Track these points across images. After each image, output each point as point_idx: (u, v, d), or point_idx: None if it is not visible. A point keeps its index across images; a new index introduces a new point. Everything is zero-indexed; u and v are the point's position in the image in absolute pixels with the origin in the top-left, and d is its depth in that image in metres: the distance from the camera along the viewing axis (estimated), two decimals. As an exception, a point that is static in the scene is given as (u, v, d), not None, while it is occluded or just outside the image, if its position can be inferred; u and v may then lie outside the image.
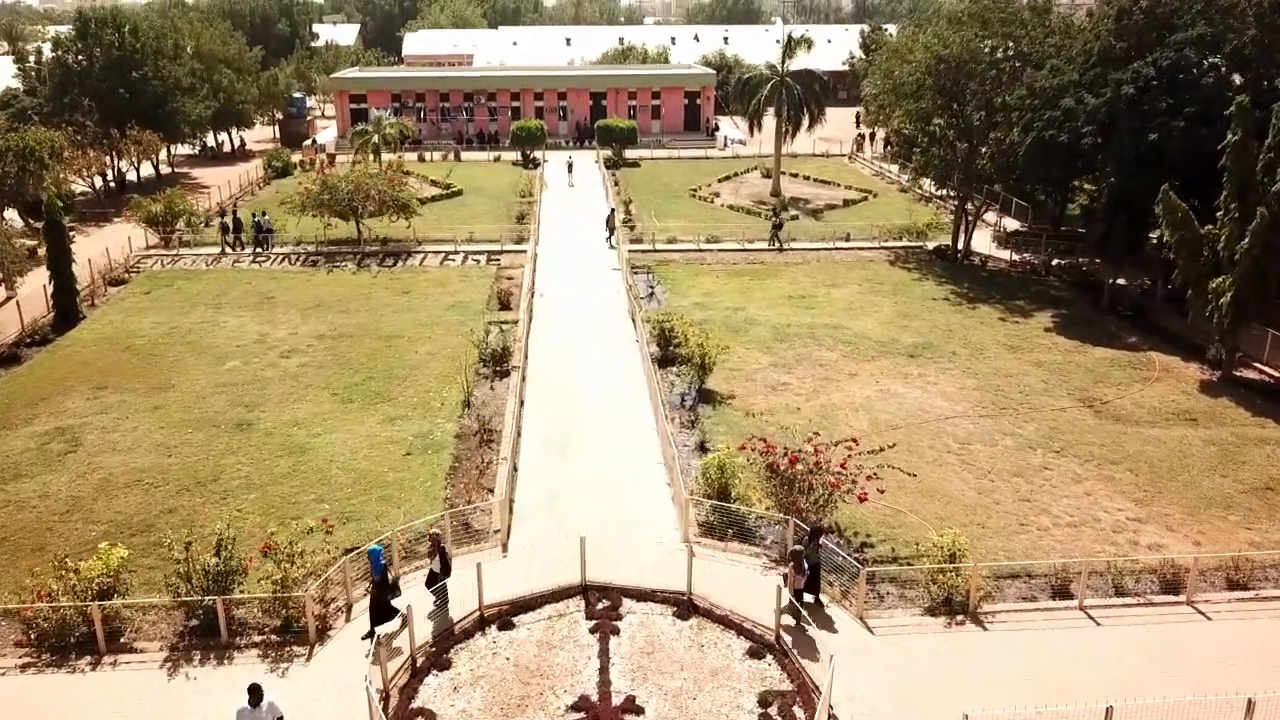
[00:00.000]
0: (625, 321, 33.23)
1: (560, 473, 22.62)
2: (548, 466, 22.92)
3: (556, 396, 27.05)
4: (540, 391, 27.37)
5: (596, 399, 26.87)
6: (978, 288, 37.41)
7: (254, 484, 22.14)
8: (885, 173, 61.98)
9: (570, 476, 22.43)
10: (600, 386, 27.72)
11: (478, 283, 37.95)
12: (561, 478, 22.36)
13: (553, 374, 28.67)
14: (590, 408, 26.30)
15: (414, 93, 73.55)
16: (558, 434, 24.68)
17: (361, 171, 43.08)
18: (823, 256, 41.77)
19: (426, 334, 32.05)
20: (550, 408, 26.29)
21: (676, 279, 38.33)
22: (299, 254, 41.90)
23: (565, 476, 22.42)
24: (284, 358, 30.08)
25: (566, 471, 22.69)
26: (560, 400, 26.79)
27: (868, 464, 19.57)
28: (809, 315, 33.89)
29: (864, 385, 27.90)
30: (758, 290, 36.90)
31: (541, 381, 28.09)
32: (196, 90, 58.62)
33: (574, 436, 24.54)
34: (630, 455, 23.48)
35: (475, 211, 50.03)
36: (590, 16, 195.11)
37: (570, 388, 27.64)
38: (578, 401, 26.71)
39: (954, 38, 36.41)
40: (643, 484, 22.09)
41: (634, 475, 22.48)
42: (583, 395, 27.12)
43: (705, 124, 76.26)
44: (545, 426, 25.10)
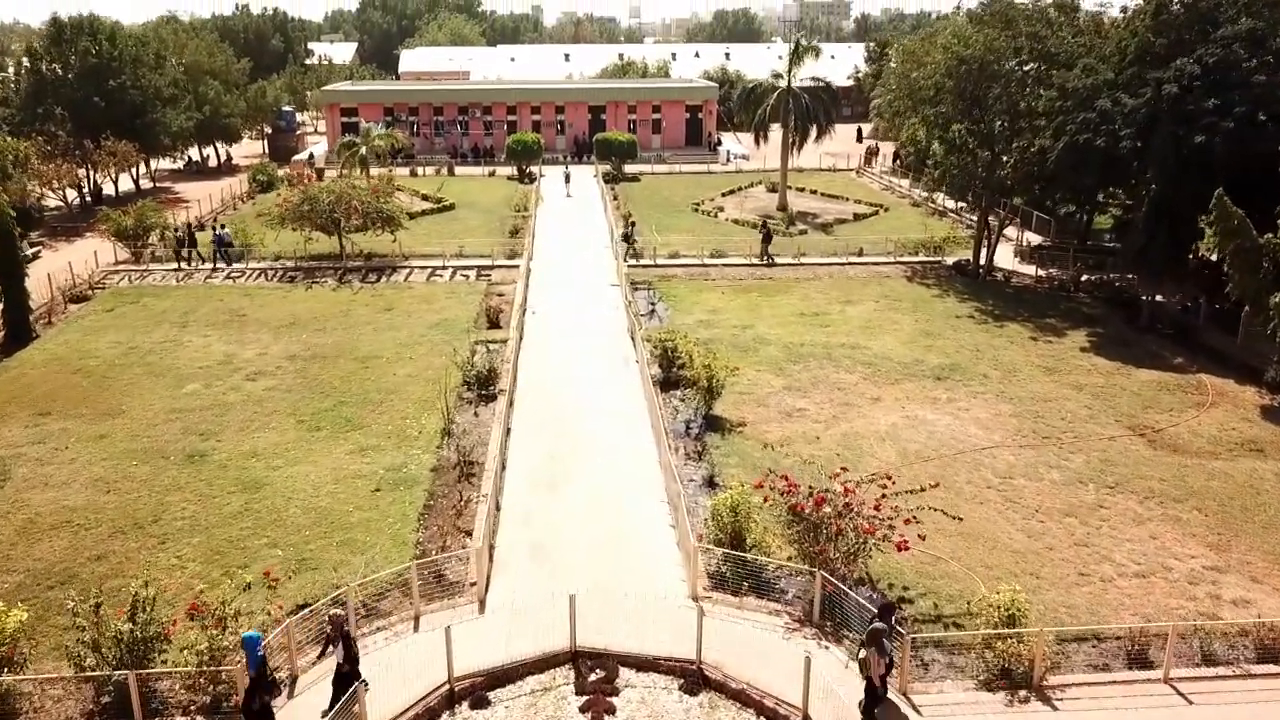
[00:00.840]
0: (624, 340, 30.56)
1: (549, 512, 19.85)
2: (535, 505, 20.15)
3: (547, 423, 24.31)
4: (529, 418, 24.65)
5: (592, 426, 24.14)
6: (1004, 305, 34.75)
7: (199, 525, 19.36)
8: (895, 187, 59.55)
9: (560, 517, 19.65)
10: (596, 412, 25.00)
11: (466, 299, 35.31)
12: (550, 518, 19.59)
13: (544, 398, 25.95)
14: (585, 436, 23.57)
15: (407, 106, 71.28)
16: (547, 466, 21.93)
17: (344, 182, 40.53)
18: (835, 272, 39.14)
19: (407, 354, 29.37)
20: (540, 436, 23.55)
21: (679, 295, 35.70)
22: (276, 269, 39.29)
23: (554, 517, 19.65)
24: (249, 380, 27.37)
25: (556, 511, 19.91)
26: (551, 428, 24.06)
27: (905, 504, 16.80)
28: (823, 334, 31.22)
29: (888, 411, 25.17)
30: (767, 307, 34.25)
31: (531, 407, 25.37)
32: (178, 101, 56.28)
33: (565, 469, 21.78)
34: (629, 492, 20.71)
35: (467, 226, 47.53)
36: (590, 36, 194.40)
37: (563, 413, 24.92)
38: (571, 429, 23.97)
39: (976, 37, 33.96)
40: (643, 526, 19.32)
41: (633, 516, 19.71)
42: (576, 422, 24.39)
43: (707, 138, 73.95)
44: (533, 458, 22.35)
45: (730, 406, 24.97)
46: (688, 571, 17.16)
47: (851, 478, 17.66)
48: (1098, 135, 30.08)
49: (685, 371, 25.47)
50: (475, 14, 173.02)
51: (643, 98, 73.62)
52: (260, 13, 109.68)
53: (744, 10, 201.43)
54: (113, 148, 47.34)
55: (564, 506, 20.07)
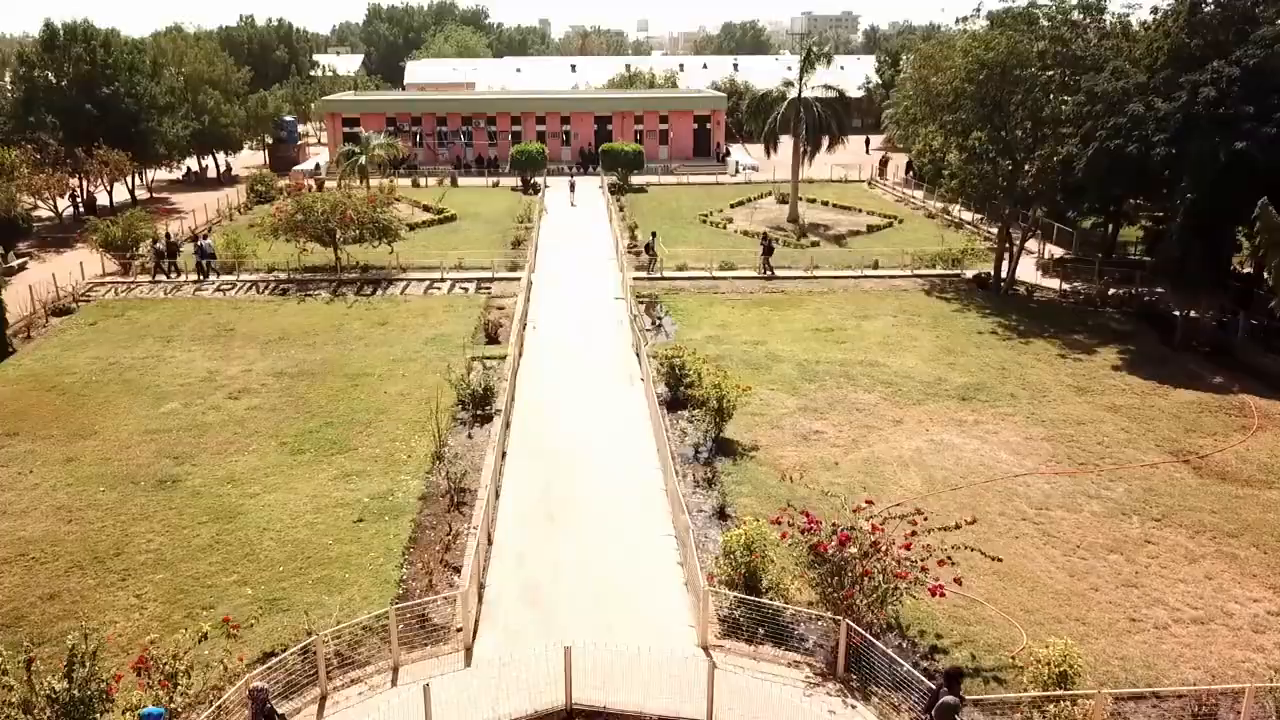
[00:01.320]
0: (628, 357, 28.98)
1: (545, 548, 18.22)
2: (530, 539, 18.52)
3: (545, 447, 22.71)
4: (526, 441, 23.04)
5: (593, 450, 22.52)
6: (1028, 320, 33.07)
7: (164, 560, 17.78)
8: (909, 198, 57.98)
9: (557, 552, 18.02)
10: (598, 434, 23.39)
11: (464, 313, 33.77)
12: (546, 554, 17.96)
13: (543, 419, 24.36)
14: (585, 460, 21.95)
15: (410, 116, 70.03)
16: (544, 495, 20.31)
17: (340, 192, 39.11)
18: (850, 285, 37.51)
19: (399, 371, 27.82)
20: (537, 461, 21.94)
21: (687, 309, 34.12)
22: (269, 282, 37.84)
23: (551, 553, 18.02)
24: (232, 399, 25.84)
25: (553, 546, 18.28)
26: (550, 451, 22.45)
27: (938, 542, 15.13)
28: (840, 351, 29.57)
29: (911, 434, 23.50)
30: (779, 322, 32.63)
31: (529, 428, 23.78)
32: (175, 110, 55.05)
33: (564, 498, 20.16)
34: (633, 524, 19.08)
35: (468, 237, 46.07)
36: (597, 49, 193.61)
37: (562, 436, 23.31)
38: (571, 453, 22.36)
39: (1000, 39, 32.42)
40: (648, 564, 17.68)
41: (637, 551, 18.07)
42: (577, 445, 22.78)
43: (715, 149, 72.52)
44: (530, 485, 20.74)
45: (742, 429, 23.34)
46: (697, 616, 15.50)
47: (877, 512, 16.01)
48: (1129, 141, 28.46)
49: (694, 391, 23.84)
50: (482, 27, 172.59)
51: (650, 108, 72.27)
52: (265, 23, 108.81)
53: (751, 23, 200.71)
54: (105, 156, 46.05)
55: (561, 540, 18.44)
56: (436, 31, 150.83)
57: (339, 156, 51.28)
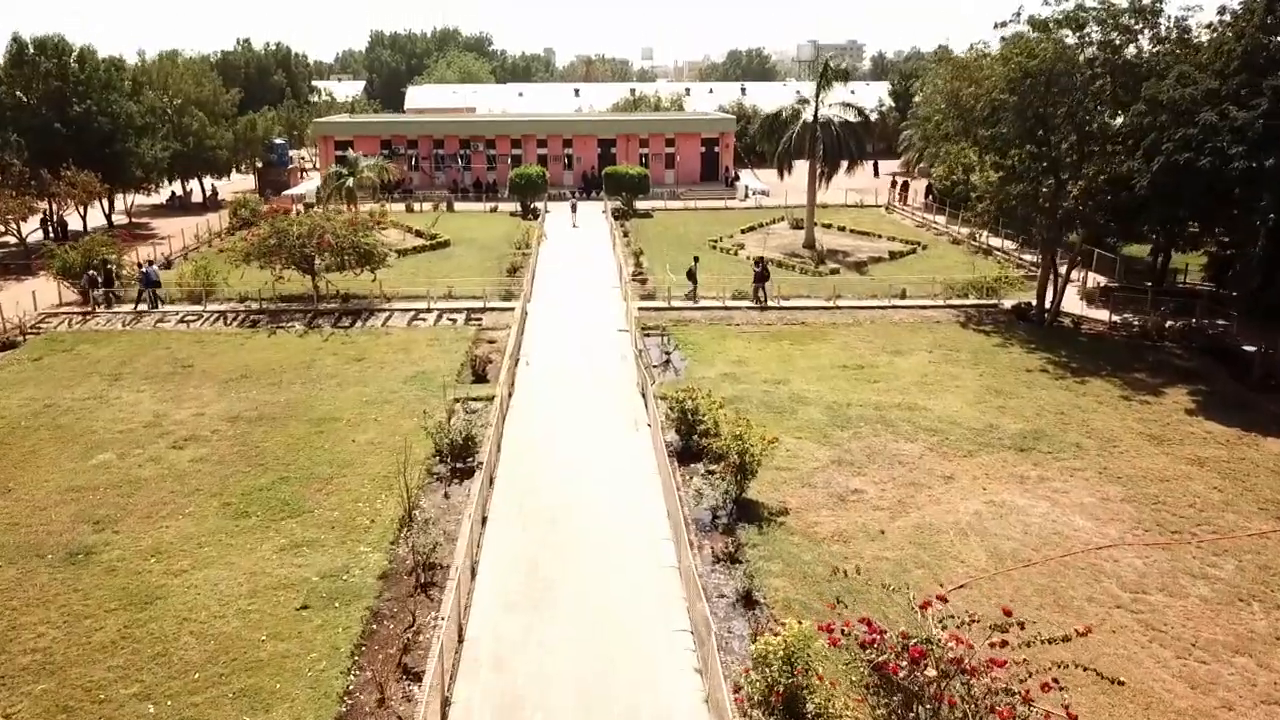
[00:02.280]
0: (633, 398, 25.51)
1: (530, 647, 14.64)
2: (511, 636, 14.95)
3: (535, 510, 19.18)
4: (513, 502, 19.52)
5: (592, 514, 19.00)
6: (1080, 356, 29.57)
7: (53, 663, 14.25)
8: (931, 223, 54.75)
9: (544, 654, 14.45)
10: (598, 493, 19.87)
11: (450, 347, 30.38)
12: (531, 657, 14.38)
13: (533, 474, 20.85)
14: (582, 527, 18.42)
15: (405, 139, 67.18)
16: (531, 574, 16.76)
17: (318, 214, 35.91)
18: (876, 316, 34.07)
19: (372, 415, 24.36)
20: (524, 528, 18.41)
21: (698, 343, 30.69)
22: (239, 312, 34.53)
23: (536, 654, 14.45)
24: (176, 448, 22.39)
25: (539, 644, 14.71)
26: (540, 516, 18.92)
27: (1037, 656, 11.56)
28: (873, 391, 26.08)
29: (967, 494, 19.94)
30: (802, 358, 29.17)
31: (516, 485, 20.26)
32: (154, 130, 52.08)
33: (555, 578, 16.61)
34: (639, 613, 15.51)
35: (461, 264, 42.84)
36: (602, 76, 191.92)
37: (555, 496, 19.79)
38: (565, 518, 18.83)
39: (1047, 45, 29.23)
40: (658, 669, 14.09)
41: (645, 653, 14.49)
42: (572, 508, 19.26)
43: (724, 173, 69.49)
44: (514, 561, 17.20)
45: (768, 486, 19.82)
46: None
47: (952, 613, 12.45)
48: (1201, 154, 25.11)
49: (710, 442, 20.34)
50: (486, 53, 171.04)
51: (655, 130, 69.36)
52: (263, 48, 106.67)
53: (757, 50, 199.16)
54: (73, 178, 43.00)
55: (550, 637, 14.86)
56: (439, 58, 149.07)
57: (326, 179, 48.14)
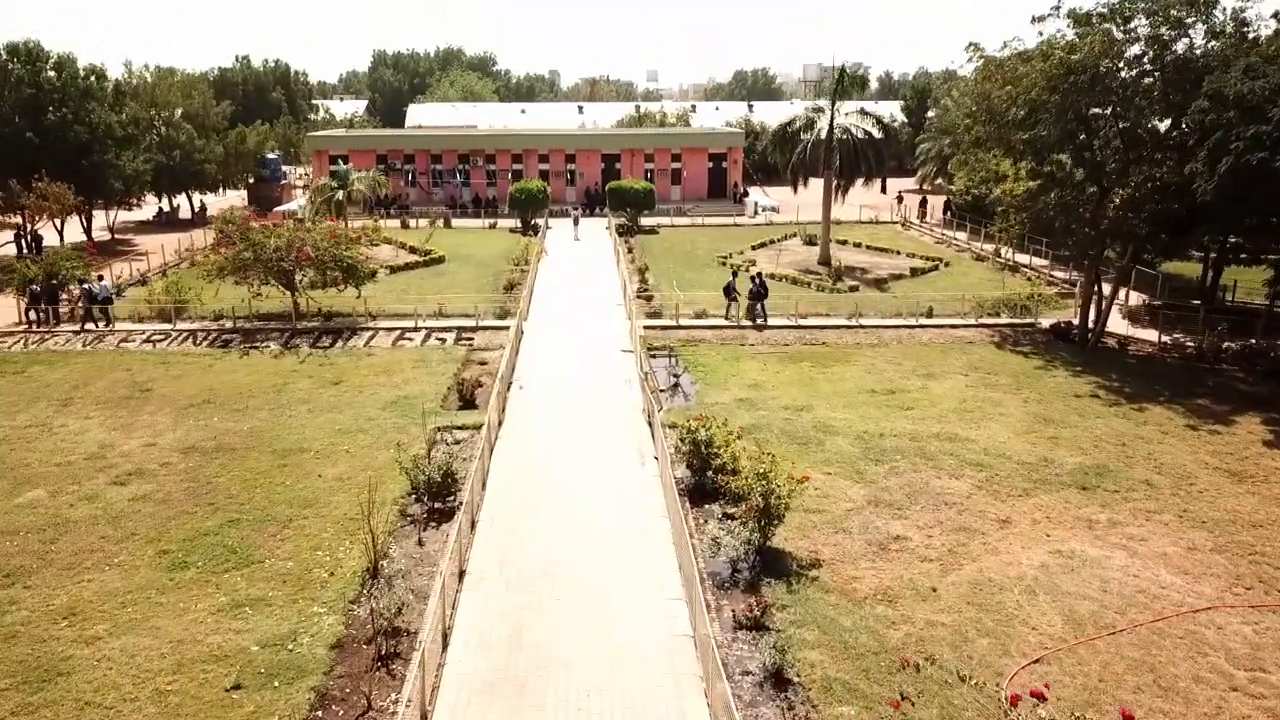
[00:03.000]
0: (638, 427, 22.71)
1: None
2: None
3: (523, 562, 16.35)
4: (496, 552, 16.69)
5: (589, 565, 16.16)
6: (1132, 380, 26.75)
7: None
8: (950, 239, 52.11)
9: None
10: (596, 541, 17.04)
11: (437, 369, 27.65)
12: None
13: (521, 518, 18.03)
14: (577, 585, 15.58)
15: (402, 154, 64.88)
16: (514, 645, 13.90)
17: (295, 226, 33.32)
18: (904, 336, 31.31)
19: (344, 446, 21.60)
20: (508, 588, 15.56)
21: (710, 364, 27.92)
22: (211, 331, 31.87)
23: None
24: (117, 484, 19.64)
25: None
26: (528, 570, 16.08)
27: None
28: (907, 419, 23.26)
29: (1028, 541, 17.08)
30: (825, 381, 26.38)
31: (502, 532, 17.44)
32: (135, 142, 49.71)
33: (544, 650, 13.75)
34: (647, 700, 12.64)
35: (455, 281, 40.26)
36: (606, 96, 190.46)
37: (546, 545, 16.96)
38: (556, 573, 15.99)
39: (1094, 39, 26.65)
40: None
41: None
42: (566, 559, 16.42)
43: (732, 189, 67.04)
44: (495, 628, 14.34)
45: (796, 532, 16.99)
46: None
47: (1054, 716, 9.60)
48: (1277, 153, 22.39)
49: (730, 482, 17.51)
50: (489, 73, 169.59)
51: (661, 145, 67.01)
52: (262, 64, 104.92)
53: (763, 70, 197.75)
54: (44, 190, 40.54)
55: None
56: (442, 77, 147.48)
57: (314, 191, 45.69)
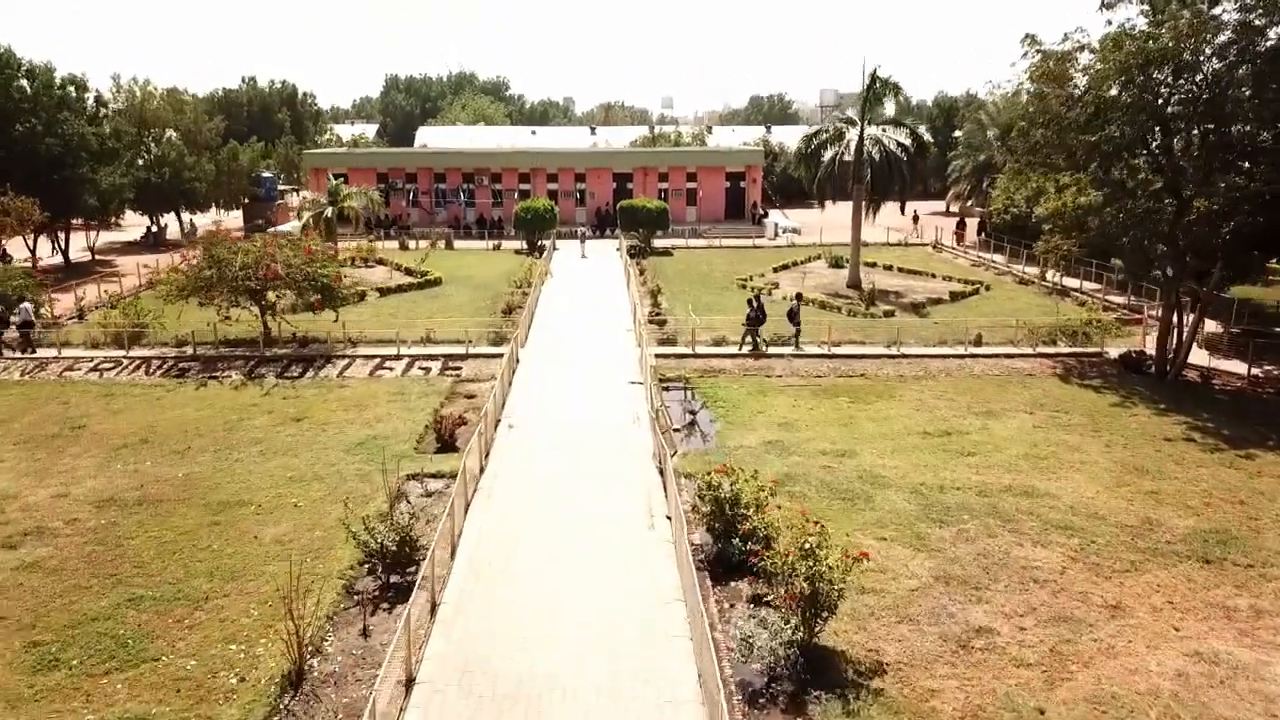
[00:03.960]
0: (647, 475, 18.91)
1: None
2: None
3: (493, 669, 12.51)
4: (459, 652, 12.86)
5: (579, 676, 12.30)
6: (1229, 420, 22.77)
7: None
8: (988, 262, 48.27)
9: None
10: (589, 641, 13.17)
11: (416, 403, 23.98)
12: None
13: (497, 600, 14.20)
14: (564, 704, 11.72)
15: (404, 172, 61.76)
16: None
17: (265, 241, 29.88)
18: (952, 367, 27.46)
19: (293, 498, 17.91)
20: (472, 709, 11.72)
21: (732, 399, 24.13)
22: (169, 359, 28.38)
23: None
24: (6, 548, 15.99)
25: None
26: (497, 683, 12.23)
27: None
28: (969, 468, 19.37)
29: (1153, 638, 13.12)
30: (867, 420, 22.53)
31: (469, 622, 13.62)
32: (116, 156, 46.68)
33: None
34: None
35: (450, 304, 36.77)
36: (620, 121, 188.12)
37: (526, 642, 13.11)
38: (538, 688, 12.13)
39: (1182, 22, 22.96)
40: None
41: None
42: (551, 666, 12.56)
43: (751, 210, 63.51)
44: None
45: (849, 622, 13.13)
46: None
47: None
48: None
49: (766, 561, 13.61)
50: (503, 98, 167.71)
51: (676, 163, 63.64)
52: (269, 85, 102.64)
53: (779, 96, 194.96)
54: (7, 205, 37.38)
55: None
56: (453, 101, 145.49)
57: (301, 208, 42.43)
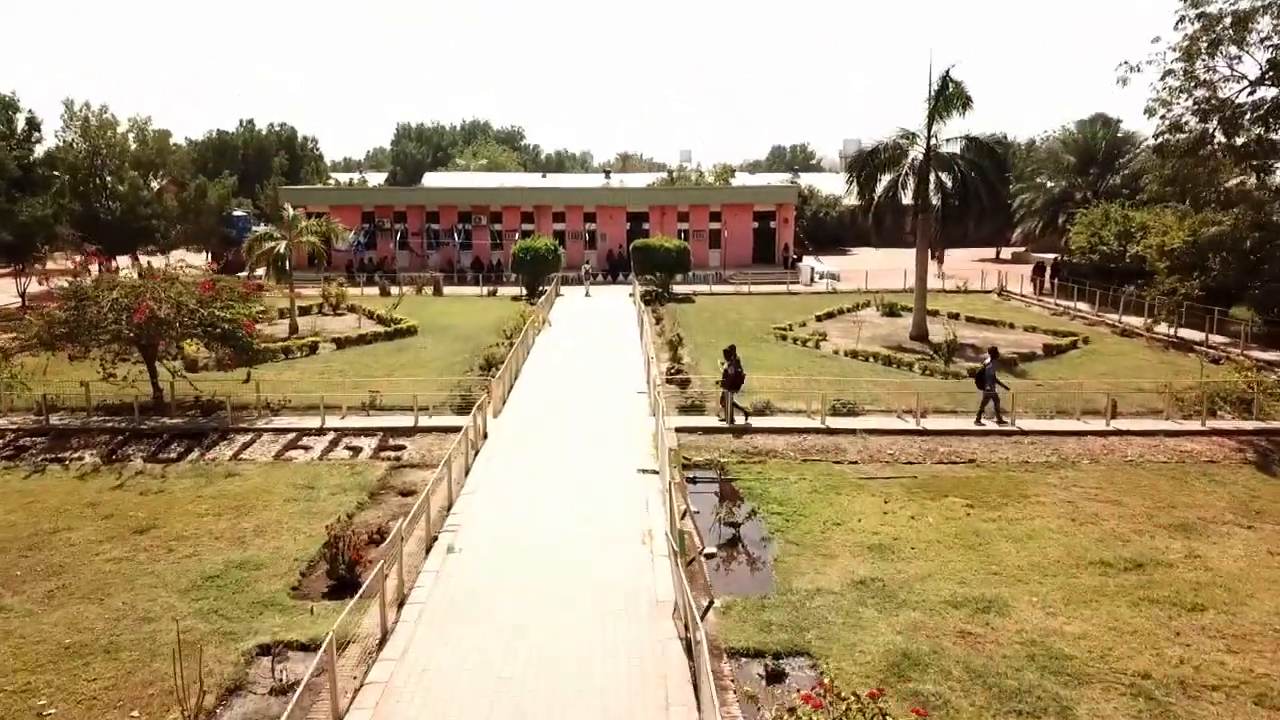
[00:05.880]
0: (663, 654, 11.04)
1: None
2: None
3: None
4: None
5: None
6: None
7: None
8: (1070, 309, 40.43)
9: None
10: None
11: (325, 504, 16.29)
12: None
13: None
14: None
15: (392, 210, 54.95)
16: None
17: (149, 273, 22.72)
18: (1095, 449, 19.55)
19: (43, 698, 10.18)
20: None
21: (792, 499, 16.30)
22: (10, 431, 20.93)
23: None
24: None
25: None
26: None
27: None
28: (1209, 637, 11.43)
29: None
30: (1002, 536, 14.63)
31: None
32: (47, 185, 40.05)
33: None
34: None
35: (420, 358, 29.40)
36: (639, 169, 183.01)
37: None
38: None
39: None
40: None
41: None
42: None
43: (783, 253, 56.11)
44: None
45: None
46: None
47: None
48: None
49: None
50: (518, 147, 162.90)
51: (697, 201, 56.51)
52: (267, 128, 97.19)
53: (802, 146, 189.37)
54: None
55: None
56: (464, 148, 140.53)
57: (249, 243, 35.37)
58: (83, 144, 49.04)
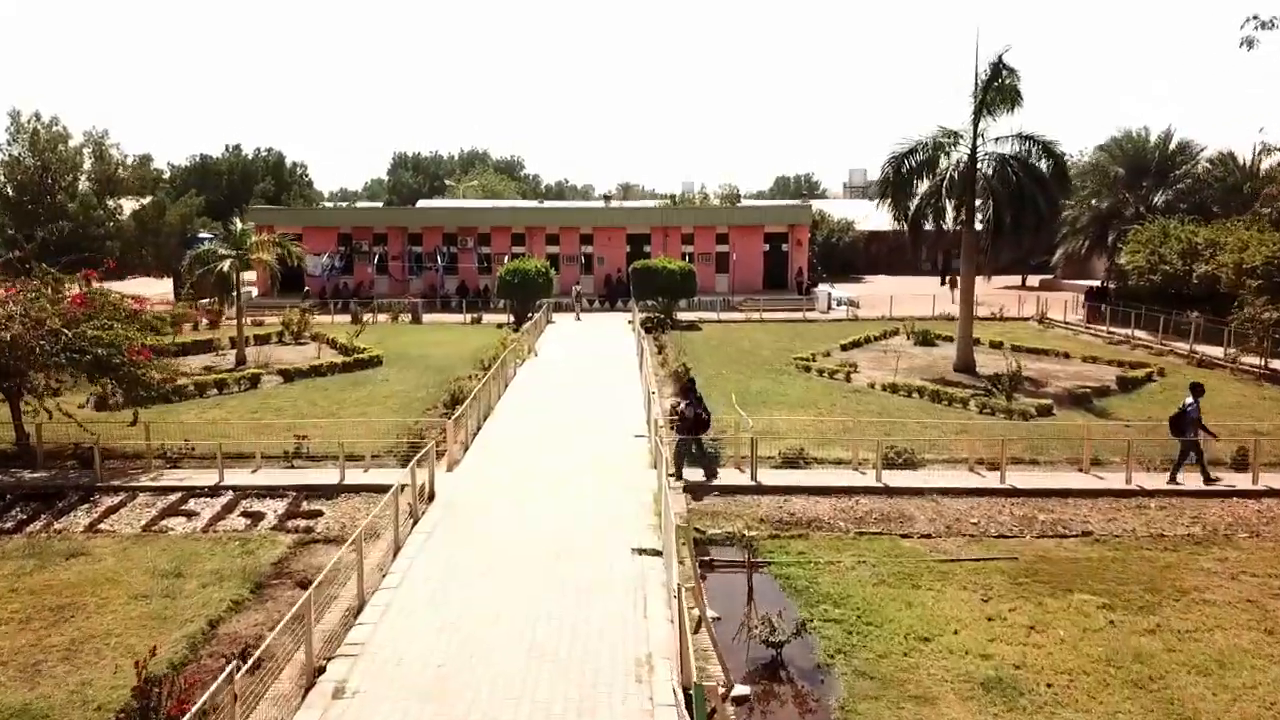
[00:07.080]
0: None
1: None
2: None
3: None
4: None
5: None
6: None
7: None
8: (1129, 338, 35.66)
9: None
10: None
11: (188, 603, 11.39)
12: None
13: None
14: None
15: (371, 232, 50.42)
16: None
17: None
18: (1249, 515, 14.67)
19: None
20: None
21: (858, 600, 11.38)
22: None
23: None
24: None
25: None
26: None
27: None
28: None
29: None
30: (1177, 663, 9.73)
31: None
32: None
33: None
34: None
35: (375, 394, 24.68)
36: (640, 199, 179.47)
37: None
38: None
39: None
40: None
41: None
42: None
43: (796, 278, 51.46)
44: None
45: None
46: None
47: None
48: None
49: None
50: (517, 177, 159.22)
51: (703, 222, 51.95)
52: (253, 153, 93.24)
53: (806, 176, 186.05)
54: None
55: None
56: (461, 177, 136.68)
57: (189, 262, 30.81)
58: (30, 159, 44.83)
